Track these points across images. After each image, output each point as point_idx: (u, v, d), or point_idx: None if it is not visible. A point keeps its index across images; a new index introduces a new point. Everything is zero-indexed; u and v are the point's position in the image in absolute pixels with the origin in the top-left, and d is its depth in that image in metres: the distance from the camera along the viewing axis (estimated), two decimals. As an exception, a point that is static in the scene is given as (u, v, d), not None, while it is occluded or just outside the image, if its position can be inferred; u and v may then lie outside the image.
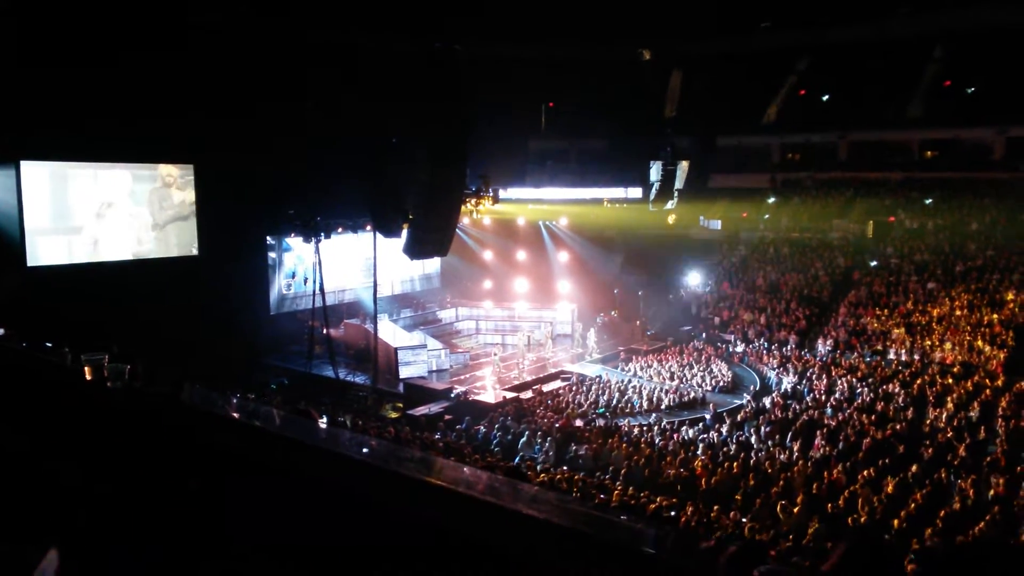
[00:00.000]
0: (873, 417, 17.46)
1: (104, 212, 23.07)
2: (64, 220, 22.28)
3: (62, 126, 20.42)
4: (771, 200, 35.19)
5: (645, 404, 20.36)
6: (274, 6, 22.02)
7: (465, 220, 27.94)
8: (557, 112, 37.29)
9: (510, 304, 31.49)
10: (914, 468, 13.63)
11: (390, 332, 26.49)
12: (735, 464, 14.37)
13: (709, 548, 3.12)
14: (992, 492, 12.17)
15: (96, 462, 4.38)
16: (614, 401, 20.53)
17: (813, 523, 10.94)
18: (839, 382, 20.63)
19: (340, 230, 26.61)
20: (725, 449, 15.89)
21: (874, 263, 28.92)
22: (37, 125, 19.97)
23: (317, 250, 23.08)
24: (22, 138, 20.33)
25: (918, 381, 20.01)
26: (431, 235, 19.94)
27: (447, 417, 20.03)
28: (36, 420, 5.08)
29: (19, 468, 4.32)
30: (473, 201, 24.57)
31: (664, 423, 18.49)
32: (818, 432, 16.37)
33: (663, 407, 20.23)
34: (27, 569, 2.13)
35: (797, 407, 18.84)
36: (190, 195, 24.98)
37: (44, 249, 21.81)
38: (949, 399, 18.29)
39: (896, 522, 10.80)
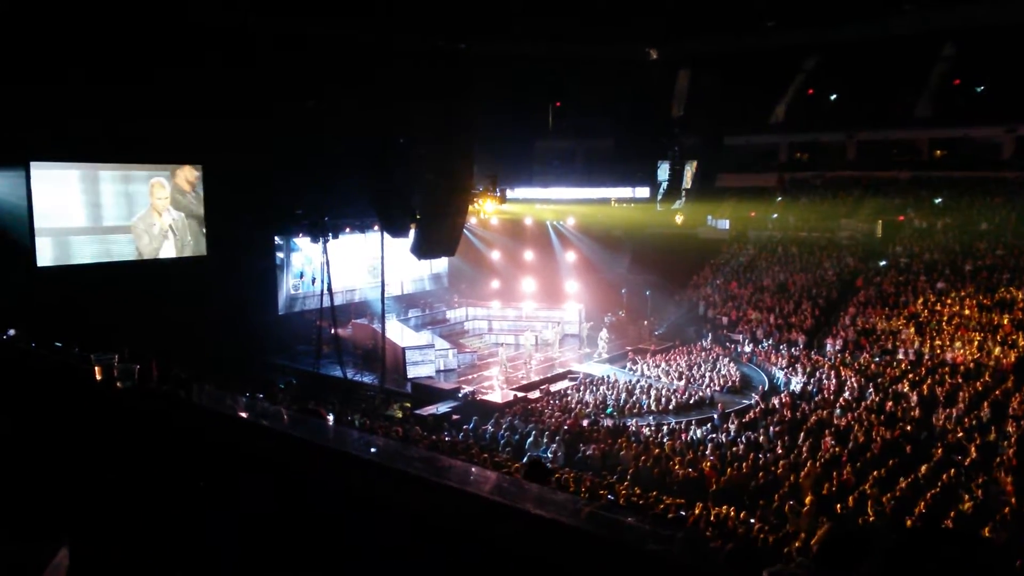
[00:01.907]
0: (882, 417, 17.38)
1: (113, 214, 23.19)
2: (73, 222, 22.38)
3: (70, 128, 20.52)
4: (779, 199, 35.05)
5: (653, 404, 20.30)
6: (278, 5, 22.04)
7: (472, 220, 27.97)
8: (564, 112, 37.24)
9: (518, 304, 31.49)
10: (924, 469, 13.59)
11: (398, 332, 26.52)
12: (744, 464, 14.35)
13: (717, 549, 3.11)
14: (1003, 493, 12.11)
15: (106, 462, 4.40)
16: (622, 401, 20.50)
17: (822, 523, 10.90)
18: (848, 382, 20.54)
19: (348, 230, 26.73)
20: (734, 449, 15.86)
21: (883, 262, 28.79)
22: (45, 127, 20.05)
23: (325, 250, 23.13)
24: (31, 140, 20.43)
25: (928, 381, 19.90)
26: (438, 235, 20.01)
27: (455, 417, 20.05)
28: (46, 420, 5.11)
29: (29, 467, 4.34)
30: (480, 201, 24.61)
31: (672, 423, 18.44)
32: (827, 432, 16.31)
33: (671, 407, 20.18)
34: (38, 568, 2.14)
35: (806, 407, 18.77)
36: (200, 196, 25.12)
37: (53, 250, 21.93)
38: (959, 399, 18.20)
39: (907, 522, 10.77)
